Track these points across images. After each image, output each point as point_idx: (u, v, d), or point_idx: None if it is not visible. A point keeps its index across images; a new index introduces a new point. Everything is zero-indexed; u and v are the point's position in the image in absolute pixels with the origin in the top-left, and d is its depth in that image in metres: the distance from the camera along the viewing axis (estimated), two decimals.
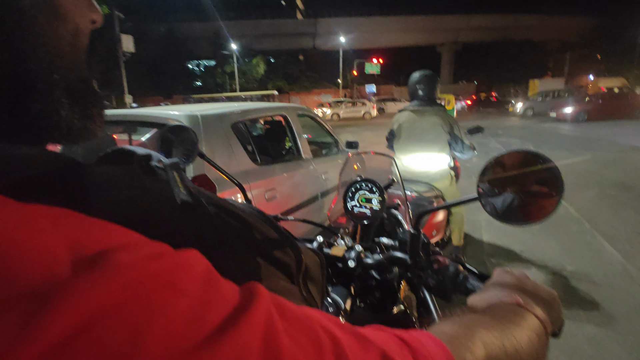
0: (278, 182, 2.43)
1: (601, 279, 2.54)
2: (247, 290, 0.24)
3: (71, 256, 0.18)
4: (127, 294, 0.18)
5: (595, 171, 5.82)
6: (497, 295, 0.46)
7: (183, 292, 0.20)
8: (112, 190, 0.27)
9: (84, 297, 0.17)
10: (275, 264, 0.40)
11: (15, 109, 0.26)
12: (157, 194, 0.30)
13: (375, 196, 1.13)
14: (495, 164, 0.60)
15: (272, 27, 40.21)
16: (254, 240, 0.38)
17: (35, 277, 0.17)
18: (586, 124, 13.22)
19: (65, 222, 0.20)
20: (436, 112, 2.45)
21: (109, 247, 0.20)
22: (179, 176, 0.32)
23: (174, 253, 0.23)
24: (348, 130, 14.89)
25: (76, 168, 0.26)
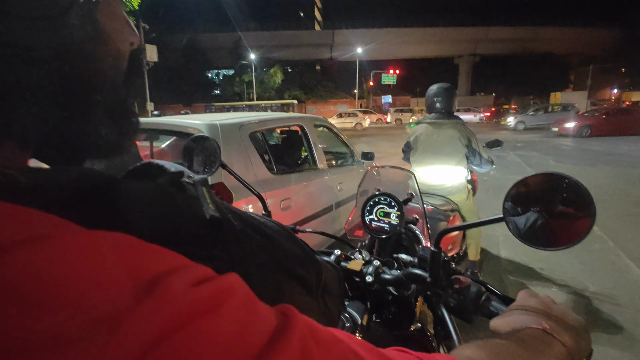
0: (293, 191, 2.44)
1: (626, 300, 2.43)
2: (281, 314, 0.25)
3: (131, 282, 0.19)
4: (180, 319, 0.19)
5: (620, 187, 5.62)
6: (522, 320, 0.45)
7: (227, 317, 0.21)
8: (147, 207, 0.28)
9: (146, 325, 0.18)
10: (297, 278, 0.40)
11: (59, 129, 0.27)
12: (188, 210, 0.31)
13: (394, 211, 1.12)
14: (521, 185, 0.59)
15: (291, 37, 40.91)
16: (277, 255, 0.39)
17: (107, 303, 0.18)
18: (598, 139, 12.83)
19: (122, 247, 0.21)
20: (454, 125, 2.43)
21: (161, 272, 0.21)
22: (208, 192, 0.33)
23: (218, 278, 0.24)
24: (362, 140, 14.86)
25: (115, 185, 0.27)
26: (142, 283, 0.20)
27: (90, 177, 0.26)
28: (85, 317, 0.17)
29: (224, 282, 0.24)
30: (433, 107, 2.50)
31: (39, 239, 0.19)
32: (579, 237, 0.59)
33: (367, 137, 16.88)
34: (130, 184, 0.29)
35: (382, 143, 13.65)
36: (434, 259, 0.78)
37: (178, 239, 0.28)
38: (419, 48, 42.81)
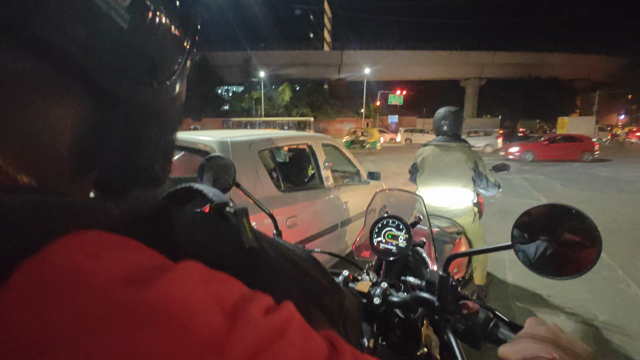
0: (300, 209, 2.46)
1: (636, 331, 2.37)
2: (329, 341, 0.28)
3: (219, 308, 0.21)
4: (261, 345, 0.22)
5: (628, 215, 5.55)
6: (531, 348, 0.45)
7: (292, 343, 0.24)
8: (195, 234, 0.30)
9: (239, 350, 0.20)
10: (322, 308, 0.42)
11: (127, 165, 0.31)
12: (230, 239, 0.33)
13: (402, 233, 1.13)
14: (529, 215, 0.62)
15: (300, 57, 41.89)
16: (306, 285, 0.40)
17: (210, 328, 0.20)
18: (605, 164, 12.75)
19: (204, 276, 0.24)
20: (461, 148, 2.46)
21: (237, 299, 0.24)
22: (247, 223, 0.35)
23: (280, 306, 0.27)
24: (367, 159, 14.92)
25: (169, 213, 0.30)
26: (227, 310, 0.22)
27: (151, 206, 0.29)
28: (197, 341, 0.19)
29: (285, 310, 0.26)
30: (440, 130, 2.54)
31: (161, 272, 0.21)
32: (588, 266, 0.61)
33: (373, 155, 16.95)
34: (181, 211, 0.32)
35: (387, 163, 13.68)
36: (442, 283, 0.78)
37: (220, 267, 0.30)
38: (426, 70, 43.49)
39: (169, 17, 0.29)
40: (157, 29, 0.28)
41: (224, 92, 42.34)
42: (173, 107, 0.35)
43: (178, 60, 0.32)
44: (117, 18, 0.25)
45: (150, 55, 0.28)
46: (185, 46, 0.32)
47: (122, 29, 0.25)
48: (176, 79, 0.32)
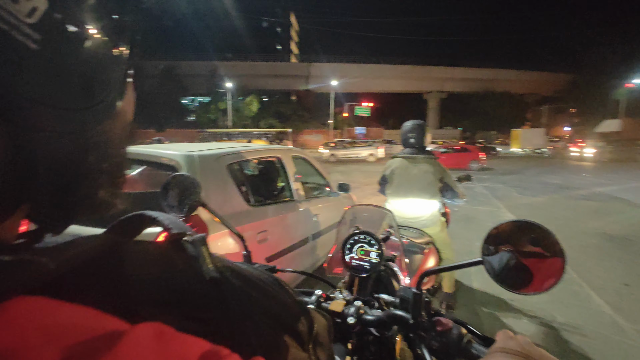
0: (270, 224, 2.41)
1: (592, 331, 2.52)
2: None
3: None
4: None
5: (577, 219, 5.98)
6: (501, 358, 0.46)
7: None
8: (149, 270, 0.28)
9: None
10: (290, 332, 0.40)
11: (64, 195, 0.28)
12: (189, 271, 0.31)
13: (374, 249, 1.14)
14: (495, 230, 0.66)
15: (267, 68, 41.97)
16: (274, 311, 0.39)
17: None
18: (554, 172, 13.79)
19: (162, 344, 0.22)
20: (428, 160, 2.54)
21: None
22: (207, 252, 0.33)
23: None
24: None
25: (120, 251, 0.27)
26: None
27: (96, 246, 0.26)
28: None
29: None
30: (407, 142, 2.61)
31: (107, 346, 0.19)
32: (554, 280, 0.64)
33: (342, 166, 17.15)
34: (132, 245, 0.29)
35: (356, 174, 13.89)
36: (416, 300, 0.78)
37: (180, 302, 0.28)
38: (391, 83, 45.11)
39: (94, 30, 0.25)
40: (80, 45, 0.24)
41: (190, 102, 41.38)
42: (115, 128, 0.31)
43: (113, 77, 0.28)
44: (23, 39, 0.21)
45: (74, 76, 0.24)
46: (121, 60, 0.29)
47: (31, 50, 0.21)
48: (113, 98, 0.28)
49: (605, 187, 9.63)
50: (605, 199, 7.93)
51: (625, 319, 2.69)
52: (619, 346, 2.36)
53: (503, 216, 6.19)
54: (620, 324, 2.62)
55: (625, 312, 2.78)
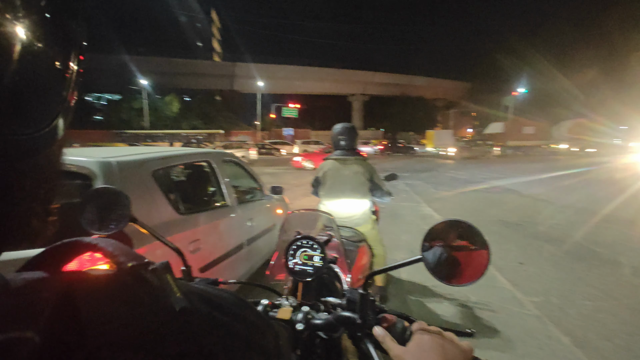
0: (203, 232, 2.29)
1: (498, 306, 2.92)
2: None
3: None
4: None
5: (481, 209, 6.87)
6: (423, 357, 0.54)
7: None
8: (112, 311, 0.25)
9: None
10: (260, 351, 0.39)
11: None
12: (154, 305, 0.28)
13: (317, 253, 1.16)
14: (432, 229, 0.73)
15: (189, 66, 39.57)
16: (242, 332, 0.37)
17: None
18: (463, 169, 15.72)
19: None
20: (358, 162, 2.66)
21: None
22: (173, 279, 0.30)
23: None
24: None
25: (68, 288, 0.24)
26: None
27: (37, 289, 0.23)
28: None
29: None
30: (339, 145, 2.70)
31: None
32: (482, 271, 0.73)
33: (272, 168, 17.00)
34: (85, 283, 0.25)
35: (287, 175, 13.90)
36: (363, 300, 0.82)
37: (151, 341, 0.25)
38: (317, 85, 46.21)
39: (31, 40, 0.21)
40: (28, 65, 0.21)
41: (96, 100, 36.87)
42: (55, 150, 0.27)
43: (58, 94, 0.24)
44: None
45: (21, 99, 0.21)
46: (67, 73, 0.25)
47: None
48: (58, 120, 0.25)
49: (501, 181, 11.21)
50: (501, 191, 9.24)
51: (522, 292, 3.17)
52: (518, 316, 2.77)
53: (423, 210, 6.80)
54: (519, 298, 3.08)
55: (522, 287, 3.28)
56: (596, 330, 2.56)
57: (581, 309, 2.88)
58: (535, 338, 2.47)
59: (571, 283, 3.38)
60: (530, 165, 17.69)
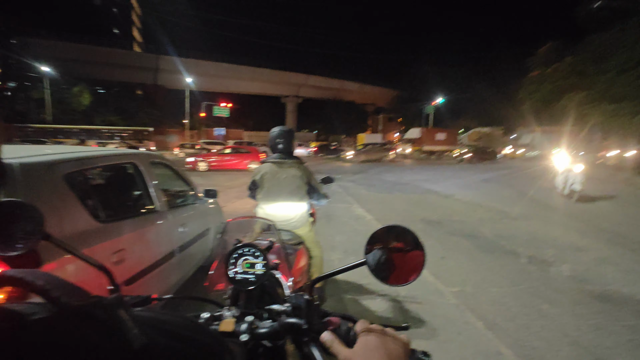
0: (127, 240, 2.08)
1: (424, 298, 3.18)
2: None
3: None
4: None
5: (408, 209, 7.42)
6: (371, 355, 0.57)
7: None
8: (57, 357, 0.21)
9: None
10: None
11: None
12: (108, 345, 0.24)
13: (259, 260, 1.14)
14: (375, 234, 0.77)
15: (102, 54, 35.52)
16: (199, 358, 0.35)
17: None
18: (372, 169, 16.87)
19: None
20: (295, 165, 2.68)
21: None
22: (127, 314, 0.27)
23: None
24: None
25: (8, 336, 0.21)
26: None
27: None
28: None
29: None
30: (276, 148, 2.69)
31: None
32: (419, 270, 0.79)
33: (203, 170, 16.16)
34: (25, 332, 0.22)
35: (218, 177, 13.35)
36: (309, 306, 0.83)
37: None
38: (250, 85, 45.24)
39: None
40: None
41: None
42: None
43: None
44: None
45: None
46: None
47: None
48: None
49: (424, 183, 12.24)
50: (424, 191, 10.09)
51: (443, 284, 3.51)
52: (440, 306, 3.06)
53: (356, 211, 7.10)
54: (440, 289, 3.40)
55: (443, 279, 3.62)
56: (502, 314, 2.95)
57: (491, 295, 3.29)
58: (455, 324, 2.75)
59: (483, 273, 3.84)
60: (445, 168, 19.63)
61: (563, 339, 2.58)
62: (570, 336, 2.61)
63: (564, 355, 2.38)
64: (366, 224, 5.99)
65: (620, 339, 2.59)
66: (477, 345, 2.49)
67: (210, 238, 3.56)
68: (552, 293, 3.35)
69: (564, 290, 3.43)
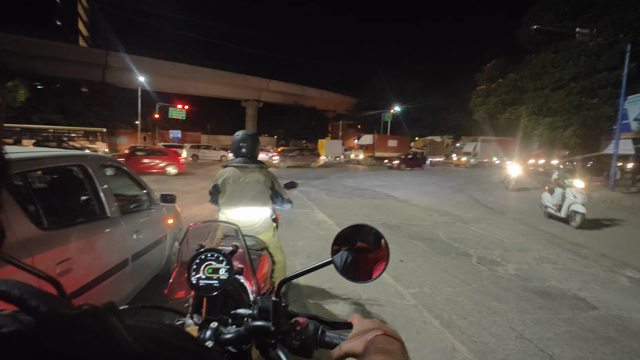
0: (75, 249, 1.92)
1: (385, 300, 3.27)
2: None
3: None
4: None
5: (368, 213, 7.60)
6: (371, 333, 0.58)
7: None
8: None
9: None
10: None
11: None
12: (98, 356, 0.23)
13: (222, 265, 1.11)
14: (341, 233, 0.79)
15: (44, 48, 32.67)
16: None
17: None
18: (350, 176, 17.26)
19: None
20: (259, 170, 2.64)
21: None
22: (119, 321, 0.26)
23: None
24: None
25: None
26: None
27: None
28: None
29: None
30: (239, 152, 2.63)
31: None
32: (383, 266, 0.82)
33: (157, 175, 15.34)
34: None
35: (174, 181, 12.76)
36: (276, 308, 0.82)
37: None
38: (209, 87, 43.96)
39: None
40: None
41: None
42: None
43: None
44: None
45: None
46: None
47: None
48: None
49: (383, 188, 12.62)
50: (383, 197, 10.40)
51: (403, 286, 3.63)
52: (401, 307, 3.16)
53: (317, 216, 7.13)
54: (400, 291, 3.51)
55: (402, 281, 3.75)
56: (457, 312, 3.11)
57: (446, 295, 3.46)
58: (414, 324, 2.86)
59: (439, 274, 4.03)
60: (401, 174, 20.42)
61: (510, 333, 2.78)
62: (517, 330, 2.81)
63: (511, 349, 2.56)
64: (327, 228, 6.04)
65: (558, 330, 2.84)
66: (434, 343, 2.60)
67: (167, 245, 3.39)
68: (500, 291, 3.60)
69: (510, 287, 3.70)
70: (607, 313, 3.18)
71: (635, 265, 4.59)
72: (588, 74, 15.81)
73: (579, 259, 4.81)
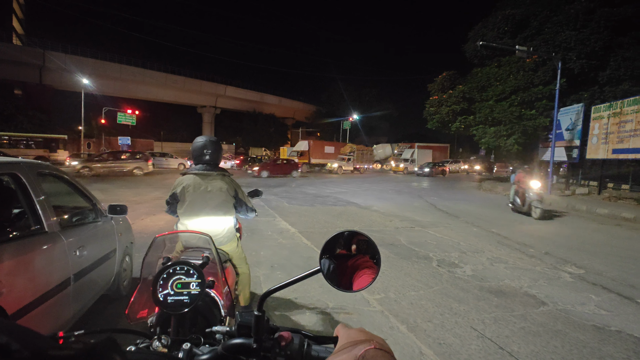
0: (5, 270, 1.66)
1: (352, 308, 3.24)
2: None
3: None
4: None
5: (329, 220, 7.61)
6: (360, 348, 0.52)
7: None
8: None
9: None
10: None
11: None
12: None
13: (193, 279, 1.01)
14: (328, 242, 0.76)
15: None
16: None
17: None
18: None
19: None
20: (221, 177, 2.51)
21: None
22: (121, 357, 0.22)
23: None
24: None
25: None
26: None
27: None
28: None
29: None
30: (201, 159, 2.48)
31: None
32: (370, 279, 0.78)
33: (104, 183, 14.24)
34: None
35: (123, 191, 11.91)
36: (258, 323, 0.74)
37: None
38: (162, 92, 42.04)
39: None
40: None
41: None
42: None
43: None
44: None
45: None
46: None
47: None
48: None
49: (343, 195, 12.75)
50: (345, 204, 10.49)
51: (368, 292, 3.63)
52: (367, 314, 3.14)
53: (279, 224, 6.99)
54: (366, 297, 3.51)
55: (370, 290, 3.75)
56: (421, 315, 3.16)
57: (410, 299, 3.52)
58: (382, 331, 2.85)
59: (402, 279, 4.09)
60: (353, 180, 20.86)
61: (472, 332, 2.87)
62: (477, 330, 2.91)
63: (474, 349, 2.63)
64: (291, 237, 5.94)
65: (514, 327, 2.99)
66: (402, 348, 2.60)
67: (116, 261, 3.10)
68: (460, 292, 3.74)
69: (468, 288, 3.86)
70: (555, 308, 3.42)
71: (575, 262, 5.02)
72: (526, 87, 17.36)
73: (526, 258, 5.15)
